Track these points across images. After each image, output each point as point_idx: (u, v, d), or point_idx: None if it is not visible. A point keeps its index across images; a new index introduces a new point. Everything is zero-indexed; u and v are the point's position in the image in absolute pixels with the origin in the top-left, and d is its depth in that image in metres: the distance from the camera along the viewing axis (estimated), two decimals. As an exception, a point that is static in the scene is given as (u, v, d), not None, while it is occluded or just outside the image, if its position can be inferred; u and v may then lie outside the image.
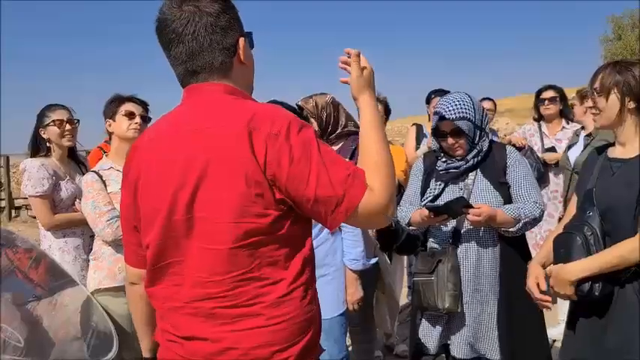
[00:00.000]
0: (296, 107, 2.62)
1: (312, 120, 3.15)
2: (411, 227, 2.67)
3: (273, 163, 1.26)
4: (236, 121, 1.30)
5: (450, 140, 2.53)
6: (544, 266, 2.19)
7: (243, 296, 1.31)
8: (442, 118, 2.53)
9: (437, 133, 2.59)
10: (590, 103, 2.08)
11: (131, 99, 2.88)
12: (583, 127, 4.07)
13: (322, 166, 1.27)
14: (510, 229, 2.47)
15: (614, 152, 2.11)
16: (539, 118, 4.71)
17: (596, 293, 1.93)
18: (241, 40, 1.41)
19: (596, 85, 2.03)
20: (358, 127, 1.49)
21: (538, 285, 2.12)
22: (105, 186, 2.74)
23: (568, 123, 4.57)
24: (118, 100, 2.86)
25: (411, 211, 2.64)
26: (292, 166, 1.26)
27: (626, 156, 2.04)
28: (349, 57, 1.49)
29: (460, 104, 2.50)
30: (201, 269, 1.33)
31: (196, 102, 1.40)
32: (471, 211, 2.42)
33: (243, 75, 1.45)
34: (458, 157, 2.57)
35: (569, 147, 4.08)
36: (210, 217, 1.30)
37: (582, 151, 3.78)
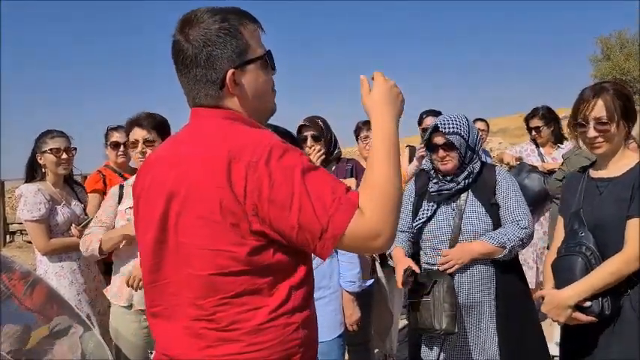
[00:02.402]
0: (289, 131, 2.65)
1: (321, 141, 3.21)
2: (390, 261, 2.71)
3: (254, 192, 1.23)
4: (217, 149, 1.28)
5: (441, 152, 2.56)
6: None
7: (223, 321, 1.30)
8: (435, 129, 2.58)
9: (429, 145, 2.63)
10: (592, 133, 2.03)
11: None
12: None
13: (304, 191, 1.22)
14: (498, 256, 2.50)
15: (598, 173, 2.14)
16: (534, 141, 4.79)
17: (607, 312, 1.95)
18: (229, 73, 1.35)
19: (602, 114, 2.02)
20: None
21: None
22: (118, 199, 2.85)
23: (562, 142, 4.64)
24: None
25: (399, 241, 2.69)
26: (272, 193, 1.22)
27: (611, 175, 2.08)
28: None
29: (456, 121, 2.56)
30: (189, 291, 1.34)
31: (193, 125, 1.43)
32: (440, 263, 2.49)
33: (241, 104, 1.40)
34: (448, 175, 2.60)
35: None
36: (190, 242, 1.31)
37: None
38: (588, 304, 1.97)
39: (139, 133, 2.77)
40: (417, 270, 2.52)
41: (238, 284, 1.29)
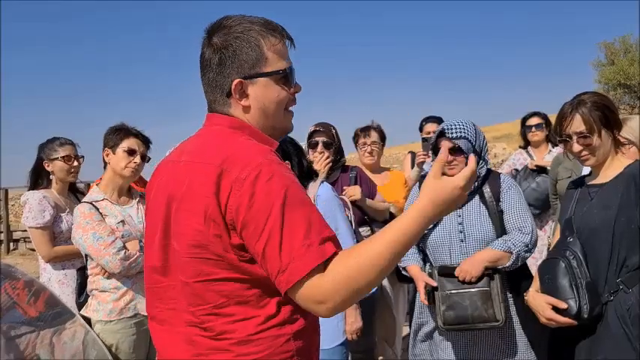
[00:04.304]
0: (292, 139, 2.64)
1: (331, 149, 3.21)
2: (404, 272, 2.70)
3: (233, 207, 1.22)
4: (212, 159, 1.29)
5: (449, 157, 2.55)
6: None
7: (212, 331, 1.30)
8: (442, 134, 2.58)
9: (435, 150, 2.63)
10: (576, 147, 2.09)
11: (137, 135, 2.79)
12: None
13: (279, 223, 1.18)
14: (507, 263, 2.47)
15: (592, 180, 2.19)
16: (526, 144, 4.82)
17: (585, 315, 1.96)
18: (235, 82, 1.35)
19: (581, 128, 2.07)
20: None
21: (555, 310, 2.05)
22: (102, 216, 2.67)
23: (554, 147, 4.65)
24: (122, 133, 2.76)
25: (411, 258, 2.66)
26: (248, 215, 1.20)
27: (601, 181, 2.12)
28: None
29: (463, 126, 2.56)
30: (183, 297, 1.35)
31: (202, 132, 1.45)
32: (459, 275, 2.46)
33: (247, 115, 1.39)
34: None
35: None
36: (180, 249, 1.33)
37: None
38: (565, 305, 1.99)
39: (138, 145, 2.79)
40: (434, 284, 2.51)
41: (225, 294, 1.29)
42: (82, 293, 2.82)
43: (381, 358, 3.77)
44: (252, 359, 1.28)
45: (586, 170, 3.82)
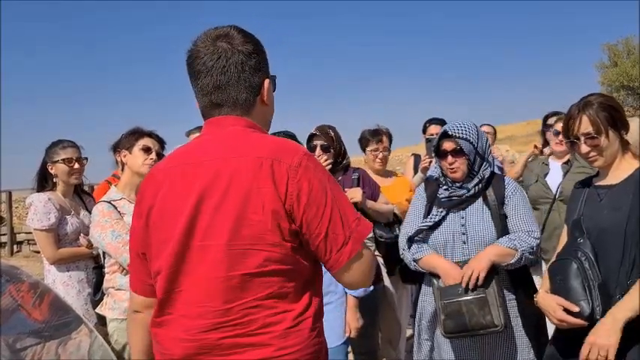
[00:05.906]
0: (293, 134, 2.67)
1: (330, 152, 3.22)
2: (414, 265, 2.62)
3: (294, 194, 1.31)
4: (257, 151, 1.35)
5: (450, 159, 2.55)
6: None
7: (253, 325, 1.32)
8: (444, 135, 2.58)
9: (438, 152, 2.63)
10: (584, 148, 2.09)
11: (150, 134, 2.90)
12: (550, 155, 4.10)
13: (336, 203, 1.35)
14: (511, 261, 2.45)
15: (600, 180, 2.18)
16: (545, 144, 4.78)
17: (598, 317, 1.95)
18: (266, 82, 1.48)
19: (589, 129, 2.07)
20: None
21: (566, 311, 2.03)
22: (120, 215, 2.73)
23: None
24: (137, 134, 2.87)
25: (423, 251, 2.60)
26: (310, 199, 1.32)
27: (611, 182, 2.12)
28: None
29: (464, 127, 2.56)
30: (208, 299, 1.33)
31: (217, 134, 1.44)
32: (464, 278, 2.41)
33: (263, 114, 1.51)
34: (457, 182, 2.59)
35: (544, 175, 4.06)
36: (223, 243, 1.32)
37: (564, 178, 3.82)
38: (577, 308, 1.98)
39: (153, 144, 2.86)
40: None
41: (270, 285, 1.33)
42: (97, 291, 2.90)
43: (384, 359, 3.77)
44: (291, 352, 1.33)
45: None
